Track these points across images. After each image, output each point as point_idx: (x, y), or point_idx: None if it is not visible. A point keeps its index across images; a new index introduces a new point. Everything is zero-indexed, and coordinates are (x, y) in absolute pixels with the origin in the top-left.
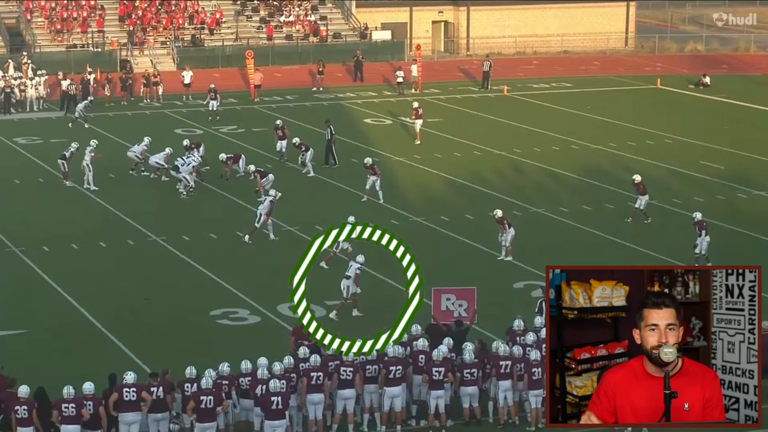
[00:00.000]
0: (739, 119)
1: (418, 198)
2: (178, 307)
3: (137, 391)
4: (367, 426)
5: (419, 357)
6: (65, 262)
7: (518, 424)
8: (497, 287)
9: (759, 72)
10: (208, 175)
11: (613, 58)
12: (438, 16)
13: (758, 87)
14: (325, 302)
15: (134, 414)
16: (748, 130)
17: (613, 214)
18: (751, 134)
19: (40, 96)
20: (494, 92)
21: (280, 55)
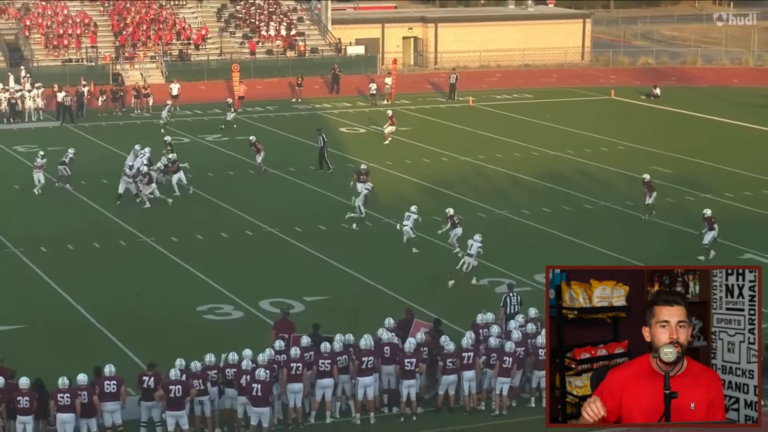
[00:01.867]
0: (687, 127)
1: (390, 201)
2: (167, 303)
3: (117, 383)
4: (341, 413)
5: (385, 348)
6: (61, 261)
7: (483, 410)
8: (464, 283)
9: (705, 84)
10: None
11: (570, 71)
12: (408, 32)
13: (704, 97)
14: (303, 298)
15: (114, 403)
16: (695, 138)
17: (570, 216)
18: (697, 141)
19: (38, 107)
20: (460, 103)
21: (261, 68)
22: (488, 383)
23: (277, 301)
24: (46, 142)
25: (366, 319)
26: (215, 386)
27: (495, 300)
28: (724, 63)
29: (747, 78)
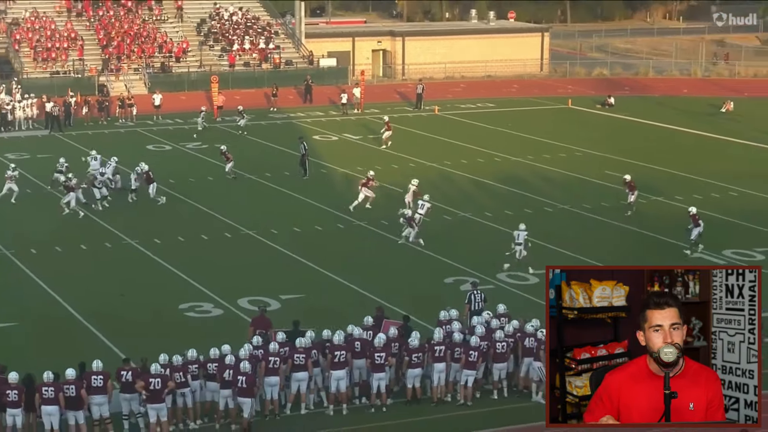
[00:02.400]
0: (639, 134)
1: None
2: (150, 302)
3: (104, 377)
4: (315, 405)
5: (356, 344)
6: (50, 263)
7: (450, 401)
8: (430, 282)
9: (657, 93)
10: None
11: (530, 82)
12: (377, 45)
13: (656, 106)
14: (279, 296)
15: (101, 396)
16: (648, 144)
17: (531, 218)
18: (650, 147)
19: (28, 117)
20: (427, 112)
21: (238, 79)
22: (454, 376)
23: (254, 299)
24: (36, 150)
25: (338, 315)
26: (196, 380)
27: (460, 297)
28: (674, 74)
29: (695, 88)
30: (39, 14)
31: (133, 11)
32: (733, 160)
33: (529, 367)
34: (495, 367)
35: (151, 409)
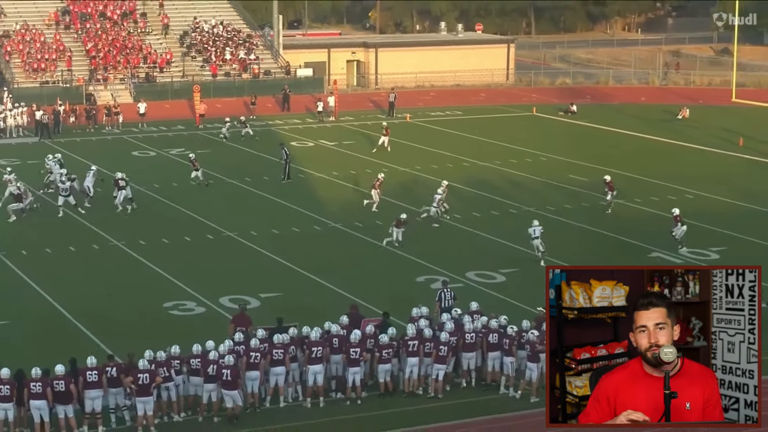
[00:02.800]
0: (600, 140)
1: (336, 207)
2: (136, 301)
3: (98, 372)
4: (293, 399)
5: (333, 340)
6: (41, 264)
7: (421, 393)
8: (403, 281)
9: (616, 101)
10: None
11: (496, 91)
12: (351, 56)
13: (615, 114)
14: (259, 295)
15: (96, 391)
16: (608, 149)
17: (498, 220)
18: (610, 152)
19: (19, 125)
20: (399, 119)
21: (219, 88)
22: (425, 369)
23: (235, 298)
24: (26, 156)
25: (315, 313)
26: (180, 374)
27: (431, 295)
28: (632, 83)
29: (653, 96)
30: (29, 27)
31: (119, 24)
32: (688, 164)
33: (500, 361)
34: (464, 356)
35: (139, 402)
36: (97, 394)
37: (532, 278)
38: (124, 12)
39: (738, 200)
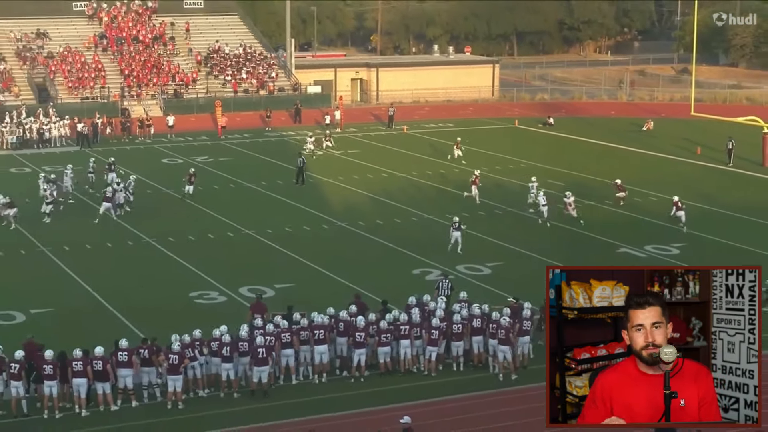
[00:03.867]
0: (575, 149)
1: (342, 208)
2: (165, 290)
3: (128, 353)
4: (302, 376)
5: (339, 324)
6: (81, 258)
7: (416, 372)
8: (400, 273)
9: (589, 115)
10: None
11: (483, 105)
12: (355, 74)
13: (588, 126)
14: (274, 285)
15: (127, 370)
16: (582, 157)
17: (484, 219)
18: (583, 160)
19: (62, 135)
20: (397, 130)
21: (239, 103)
22: (416, 350)
23: (252, 288)
24: (68, 163)
25: (322, 301)
26: (203, 355)
27: (425, 285)
28: (603, 98)
29: (621, 110)
30: (71, 49)
31: (150, 47)
32: (652, 170)
33: (486, 346)
34: (453, 345)
35: (170, 380)
36: (127, 372)
37: (515, 272)
38: (155, 36)
39: (696, 202)
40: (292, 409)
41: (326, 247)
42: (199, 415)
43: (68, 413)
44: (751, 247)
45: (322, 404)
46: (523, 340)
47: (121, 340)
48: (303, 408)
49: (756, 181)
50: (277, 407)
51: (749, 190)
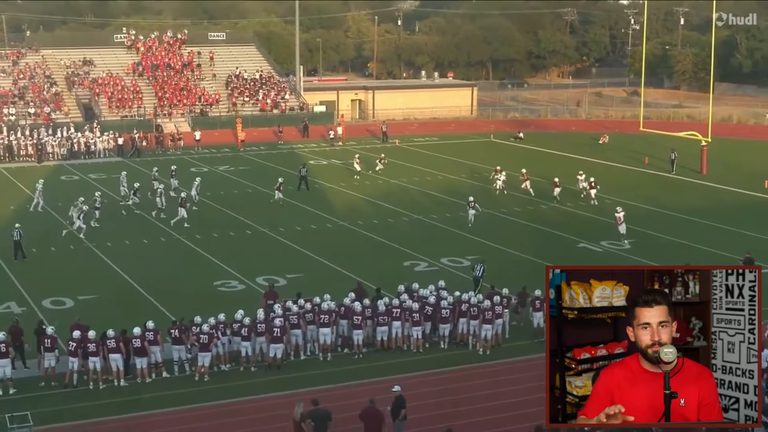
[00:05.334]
0: (542, 160)
1: (344, 209)
2: (194, 280)
3: (154, 333)
4: (309, 352)
5: (341, 308)
6: (121, 252)
7: (406, 349)
8: (393, 265)
9: (553, 130)
10: (214, 198)
11: (463, 122)
12: (355, 96)
13: (552, 139)
14: (285, 275)
15: (156, 347)
16: (547, 166)
17: (465, 220)
18: (548, 168)
19: (106, 148)
20: (390, 144)
21: (256, 120)
22: (407, 331)
23: (267, 278)
24: (111, 172)
25: (326, 288)
26: (225, 335)
27: (414, 275)
28: (565, 116)
29: (581, 126)
30: (112, 74)
31: (180, 72)
32: (608, 178)
33: (467, 326)
34: (440, 327)
35: (200, 356)
36: (155, 349)
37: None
38: (184, 63)
39: (644, 204)
40: (300, 381)
41: (330, 243)
42: (222, 385)
43: (110, 384)
44: (691, 243)
45: (326, 377)
46: (498, 322)
47: (149, 322)
48: (309, 380)
49: (695, 187)
50: (287, 379)
51: (689, 194)
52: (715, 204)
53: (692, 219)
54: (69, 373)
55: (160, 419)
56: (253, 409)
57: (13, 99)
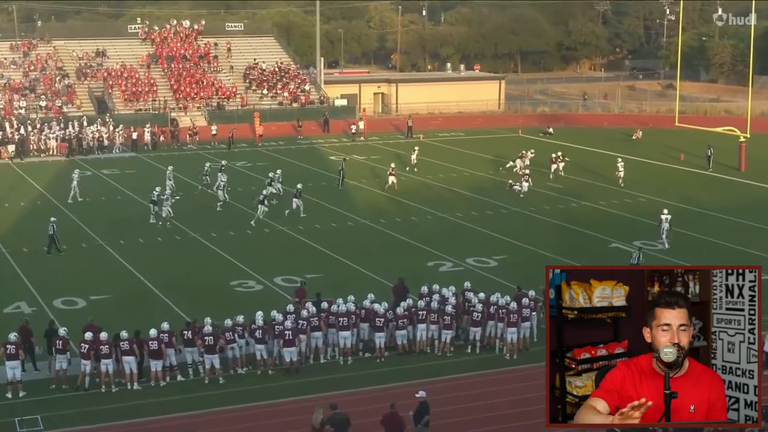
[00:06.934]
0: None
1: (365, 207)
2: (209, 279)
3: (169, 335)
4: (330, 356)
5: (360, 311)
6: (135, 250)
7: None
8: (417, 265)
9: (584, 125)
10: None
11: (490, 116)
12: (377, 89)
13: (583, 135)
14: (305, 275)
15: (170, 349)
16: (578, 162)
17: (491, 217)
18: (578, 165)
19: (119, 143)
20: (414, 138)
21: (274, 114)
22: (431, 334)
23: (287, 278)
24: (125, 167)
25: (346, 289)
26: (242, 338)
27: (439, 276)
28: (597, 111)
29: (613, 121)
30: (126, 66)
31: (196, 64)
32: (641, 175)
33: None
34: (471, 330)
35: (207, 358)
36: (170, 351)
37: (518, 264)
38: (200, 55)
39: (679, 203)
40: (319, 386)
41: (351, 242)
42: (237, 389)
43: (123, 387)
44: (727, 243)
45: (346, 381)
46: (524, 325)
47: (164, 323)
48: (329, 384)
49: (732, 184)
50: (306, 384)
51: (726, 192)
52: (754, 202)
53: (729, 218)
54: (81, 375)
55: (172, 424)
56: (269, 414)
57: (24, 91)
